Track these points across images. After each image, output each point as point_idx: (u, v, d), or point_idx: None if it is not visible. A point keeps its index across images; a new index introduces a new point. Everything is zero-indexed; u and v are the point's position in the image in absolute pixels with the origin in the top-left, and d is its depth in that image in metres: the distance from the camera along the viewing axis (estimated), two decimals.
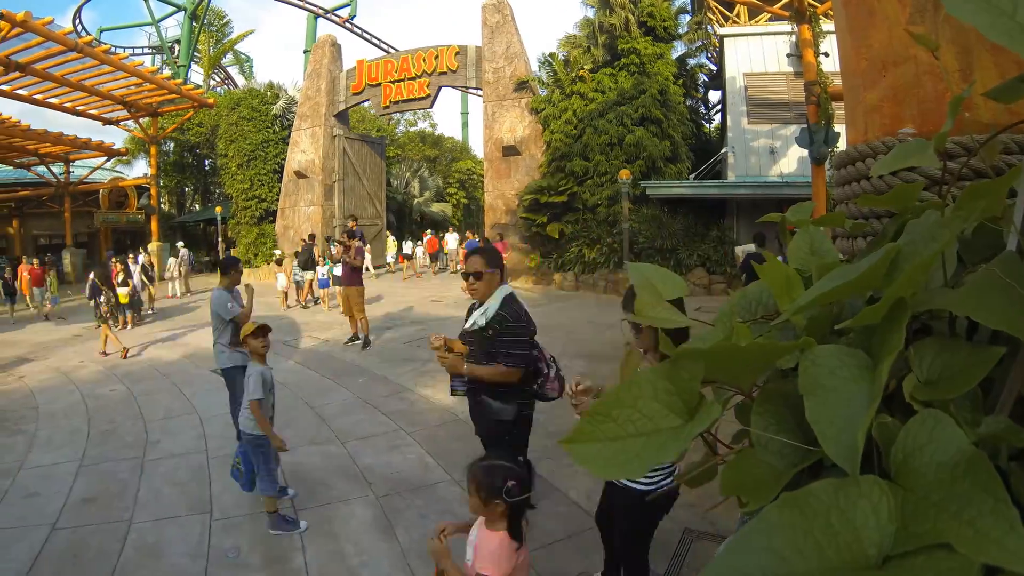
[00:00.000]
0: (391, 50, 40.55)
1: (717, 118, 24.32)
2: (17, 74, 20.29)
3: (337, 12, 43.12)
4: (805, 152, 10.13)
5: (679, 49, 21.03)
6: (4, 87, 21.66)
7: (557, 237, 19.11)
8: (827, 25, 11.13)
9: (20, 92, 22.56)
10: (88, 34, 39.97)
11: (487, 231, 22.02)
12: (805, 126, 9.76)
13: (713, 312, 1.24)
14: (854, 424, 0.67)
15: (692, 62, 21.70)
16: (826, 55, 10.10)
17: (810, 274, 1.11)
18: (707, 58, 22.58)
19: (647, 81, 17.96)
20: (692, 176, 18.40)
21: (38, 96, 23.35)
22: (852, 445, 0.64)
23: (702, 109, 23.47)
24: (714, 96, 23.86)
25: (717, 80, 21.40)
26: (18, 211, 34.45)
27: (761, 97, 17.66)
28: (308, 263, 16.98)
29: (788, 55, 17.10)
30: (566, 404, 6.99)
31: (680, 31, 20.59)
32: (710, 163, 18.76)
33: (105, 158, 32.60)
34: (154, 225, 29.06)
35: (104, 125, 28.02)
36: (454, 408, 7.27)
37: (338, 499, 5.11)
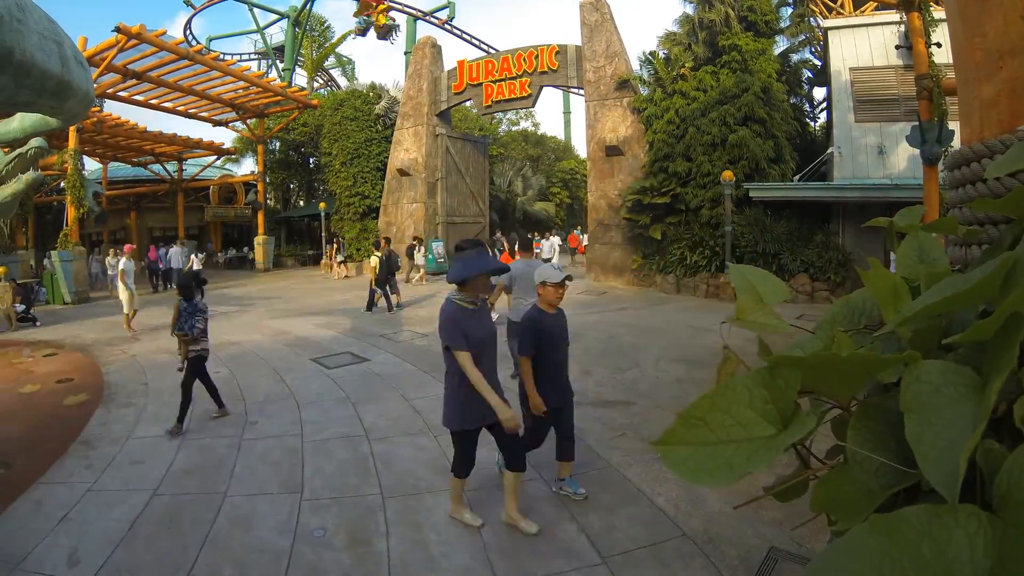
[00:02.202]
0: (490, 50, 41.00)
1: (823, 116, 23.32)
2: (134, 81, 21.96)
3: (436, 14, 43.97)
4: (916, 152, 9.54)
5: (781, 44, 20.27)
6: (122, 93, 23.43)
7: (659, 238, 18.83)
8: (939, 13, 10.44)
9: (137, 98, 24.39)
10: (198, 43, 42.54)
11: (590, 231, 22.01)
12: (916, 123, 9.20)
13: (815, 320, 1.20)
14: (957, 448, 0.62)
15: (795, 57, 20.89)
16: (938, 45, 9.45)
17: (918, 283, 1.06)
18: (811, 53, 21.63)
19: (749, 79, 17.39)
20: (796, 177, 17.70)
21: (153, 101, 25.20)
22: (953, 470, 0.60)
23: (806, 107, 22.54)
24: (819, 93, 22.89)
25: (822, 76, 20.48)
26: (136, 205, 37.27)
27: (869, 93, 16.76)
28: None
29: (897, 47, 16.15)
30: (663, 410, 6.93)
31: (782, 25, 19.82)
32: (815, 164, 18.00)
33: (215, 157, 34.77)
34: (260, 219, 30.55)
35: (214, 127, 29.82)
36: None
37: (426, 490, 5.20)
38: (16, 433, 6.81)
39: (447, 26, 43.63)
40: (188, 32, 45.23)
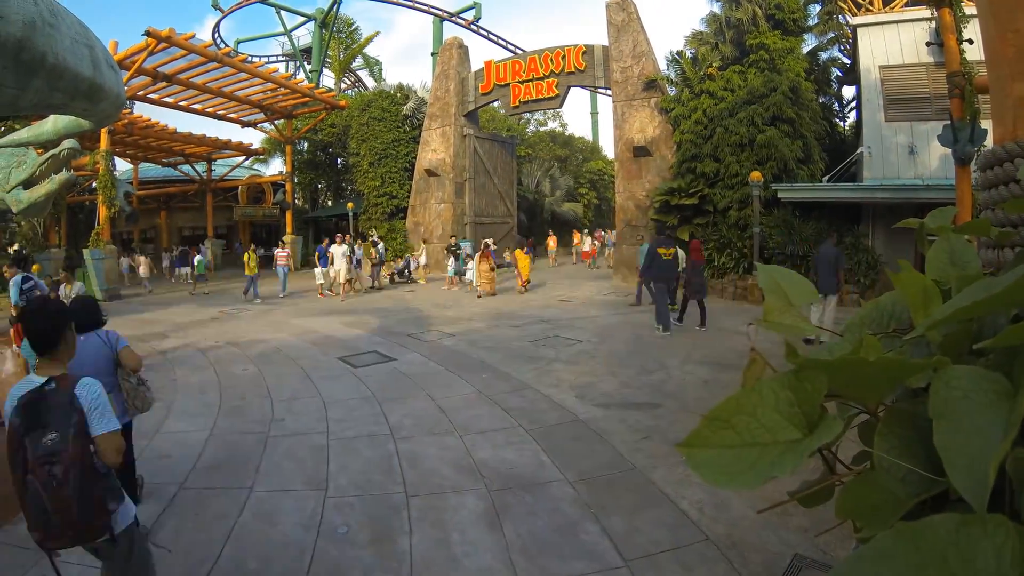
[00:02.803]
0: (517, 51, 41.15)
1: (852, 115, 22.97)
2: (164, 84, 22.43)
3: (462, 15, 44.16)
4: (948, 151, 9.35)
5: (810, 42, 20.04)
6: (153, 95, 23.89)
7: (687, 240, 18.70)
8: (970, 8, 10.20)
9: (167, 100, 24.89)
10: (226, 45, 43.27)
11: (618, 231, 21.97)
12: (948, 122, 9.01)
13: (844, 323, 1.18)
14: (986, 455, 0.61)
15: (824, 56, 20.63)
16: (970, 42, 9.21)
17: (949, 287, 1.04)
18: (840, 51, 21.31)
19: (777, 78, 17.20)
20: (826, 178, 17.45)
21: (183, 103, 25.71)
22: (981, 479, 0.58)
23: (836, 106, 22.24)
24: (848, 92, 22.56)
25: (851, 74, 20.18)
26: (165, 205, 38.01)
27: (899, 91, 16.43)
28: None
29: (928, 44, 15.77)
30: (688, 412, 6.89)
31: (810, 23, 19.59)
32: (845, 164, 17.72)
33: (243, 157, 35.29)
34: (289, 219, 30.87)
35: (243, 127, 30.28)
36: (574, 408, 7.27)
37: (450, 489, 5.21)
38: None
39: (473, 27, 43.84)
40: (216, 35, 46.01)
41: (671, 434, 6.35)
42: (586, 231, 34.62)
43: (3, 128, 19.36)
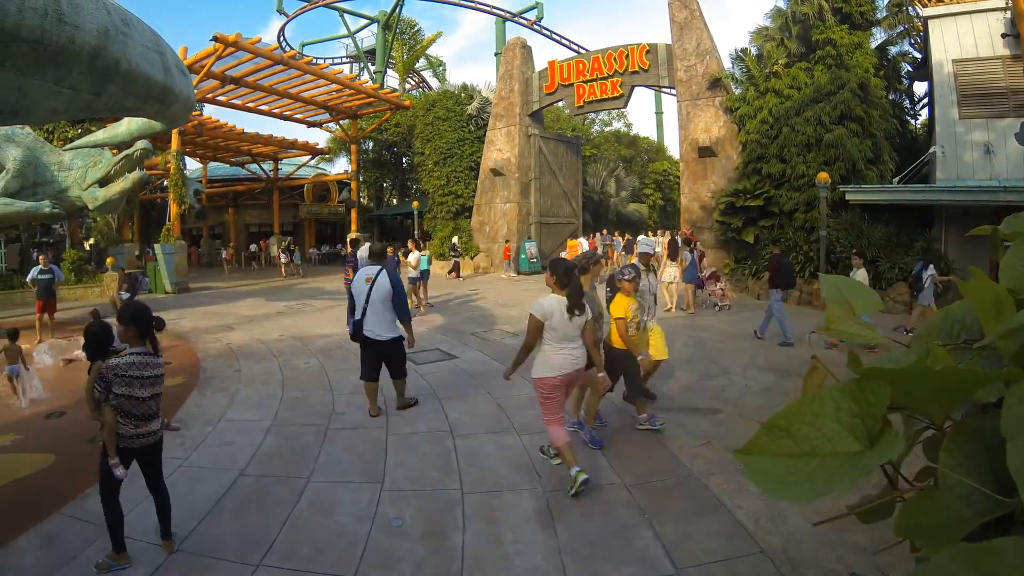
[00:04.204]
0: (580, 50, 41.03)
1: (924, 113, 22.06)
2: (232, 86, 23.21)
3: (524, 15, 44.26)
4: None
5: (879, 36, 19.28)
6: (221, 98, 24.76)
7: (752, 242, 18.31)
8: None
9: (235, 101, 25.79)
10: (291, 48, 44.48)
11: (682, 231, 21.69)
12: None
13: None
14: None
15: (894, 50, 19.86)
16: None
17: None
18: (910, 45, 20.45)
19: (845, 75, 16.66)
20: (896, 179, 16.82)
21: (250, 104, 26.61)
22: None
23: (907, 103, 21.41)
24: (920, 88, 21.68)
25: (923, 69, 19.34)
26: (233, 203, 39.35)
27: (973, 86, 15.62)
28: None
29: (1003, 35, 14.99)
30: (749, 419, 6.72)
31: (878, 16, 18.85)
32: (916, 164, 17.04)
33: (309, 156, 36.19)
34: (353, 217, 31.52)
35: (308, 128, 30.99)
36: (633, 410, 7.17)
37: (506, 488, 5.23)
38: None
39: (536, 27, 43.89)
40: (282, 38, 47.40)
41: (730, 441, 6.22)
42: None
43: (80, 130, 20.36)
